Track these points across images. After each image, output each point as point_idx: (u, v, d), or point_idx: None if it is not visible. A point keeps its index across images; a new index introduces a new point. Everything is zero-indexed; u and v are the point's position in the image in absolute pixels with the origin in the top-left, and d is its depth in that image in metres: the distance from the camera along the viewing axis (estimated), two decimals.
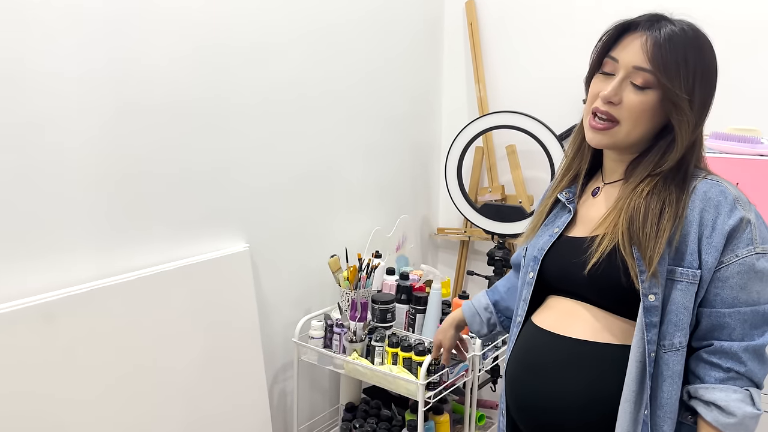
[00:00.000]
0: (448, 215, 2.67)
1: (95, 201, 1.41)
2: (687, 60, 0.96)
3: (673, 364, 0.98)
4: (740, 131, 1.73)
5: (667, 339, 0.97)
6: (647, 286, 0.97)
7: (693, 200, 0.98)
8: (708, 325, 0.98)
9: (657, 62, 0.96)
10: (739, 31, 1.95)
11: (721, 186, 0.98)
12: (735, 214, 0.96)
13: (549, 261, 1.12)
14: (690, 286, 0.97)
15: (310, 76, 1.94)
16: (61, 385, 1.31)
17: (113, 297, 1.41)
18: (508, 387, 1.16)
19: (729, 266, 0.96)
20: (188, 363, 1.57)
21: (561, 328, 1.08)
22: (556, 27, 2.27)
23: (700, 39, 0.99)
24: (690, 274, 0.97)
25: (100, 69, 1.38)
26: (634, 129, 1.01)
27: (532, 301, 1.15)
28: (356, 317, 1.81)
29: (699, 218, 0.97)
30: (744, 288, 0.95)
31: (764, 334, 0.96)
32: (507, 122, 2.22)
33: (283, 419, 2.00)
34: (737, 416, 0.93)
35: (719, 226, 0.96)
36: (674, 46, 0.96)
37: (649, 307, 0.97)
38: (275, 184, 1.87)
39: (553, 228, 1.14)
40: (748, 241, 0.95)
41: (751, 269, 0.95)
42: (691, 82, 0.97)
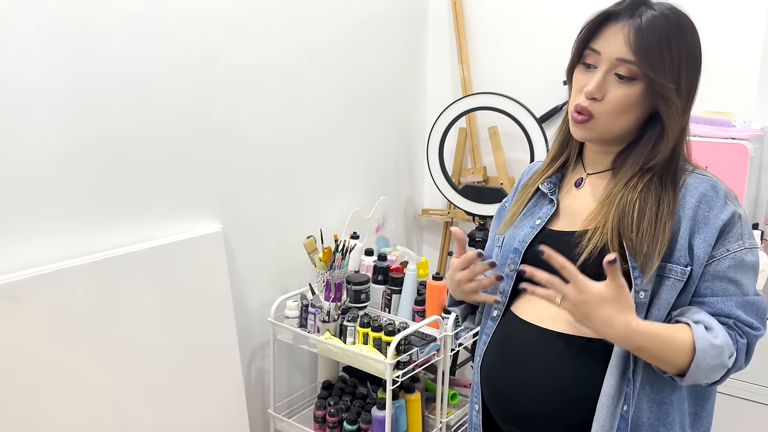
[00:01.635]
0: (433, 196, 2.68)
1: (63, 180, 1.43)
2: (670, 46, 0.94)
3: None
4: (713, 114, 1.72)
5: None
6: (639, 283, 0.95)
7: (684, 196, 0.97)
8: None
9: (640, 52, 0.93)
10: (717, 13, 1.93)
11: (711, 181, 0.98)
12: (727, 209, 0.96)
13: (531, 254, 1.07)
14: (677, 283, 0.96)
15: (288, 56, 1.94)
16: (26, 366, 1.34)
17: (81, 278, 1.43)
18: (485, 378, 1.13)
19: (721, 260, 0.96)
20: (159, 344, 1.61)
21: (544, 321, 1.05)
22: (540, 9, 2.25)
23: (683, 22, 0.97)
24: (678, 270, 0.95)
25: (67, 47, 1.40)
26: (617, 121, 0.99)
27: (511, 295, 1.11)
28: (330, 297, 1.83)
29: (692, 214, 0.96)
30: (734, 281, 0.96)
31: (758, 327, 0.96)
32: (488, 104, 2.21)
33: (261, 396, 2.05)
34: (719, 342, 0.91)
35: (712, 221, 0.95)
36: (657, 33, 0.93)
37: (639, 304, 0.96)
38: (251, 165, 1.88)
39: (534, 219, 1.10)
40: (738, 236, 0.96)
41: (741, 263, 0.96)
42: (676, 69, 0.95)
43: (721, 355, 0.91)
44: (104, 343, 1.48)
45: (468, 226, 2.56)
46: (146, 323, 1.57)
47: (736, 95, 1.91)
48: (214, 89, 1.73)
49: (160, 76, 1.59)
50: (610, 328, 0.90)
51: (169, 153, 1.65)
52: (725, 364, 0.92)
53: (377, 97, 2.35)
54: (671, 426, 0.99)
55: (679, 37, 0.95)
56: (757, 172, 1.87)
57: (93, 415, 1.46)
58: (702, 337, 0.90)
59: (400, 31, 2.43)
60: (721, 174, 1.66)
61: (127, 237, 1.57)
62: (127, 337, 1.53)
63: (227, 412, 1.80)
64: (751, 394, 1.63)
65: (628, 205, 0.97)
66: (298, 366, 2.16)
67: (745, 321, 0.96)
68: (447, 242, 2.65)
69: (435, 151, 2.36)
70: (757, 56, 1.88)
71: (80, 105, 1.44)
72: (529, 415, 1.04)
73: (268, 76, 1.89)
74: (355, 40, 2.19)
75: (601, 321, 0.90)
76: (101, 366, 1.48)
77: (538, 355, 1.04)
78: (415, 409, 1.87)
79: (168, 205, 1.67)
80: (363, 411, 1.88)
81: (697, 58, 0.99)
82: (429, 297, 1.86)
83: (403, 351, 1.69)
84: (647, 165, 0.99)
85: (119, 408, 1.52)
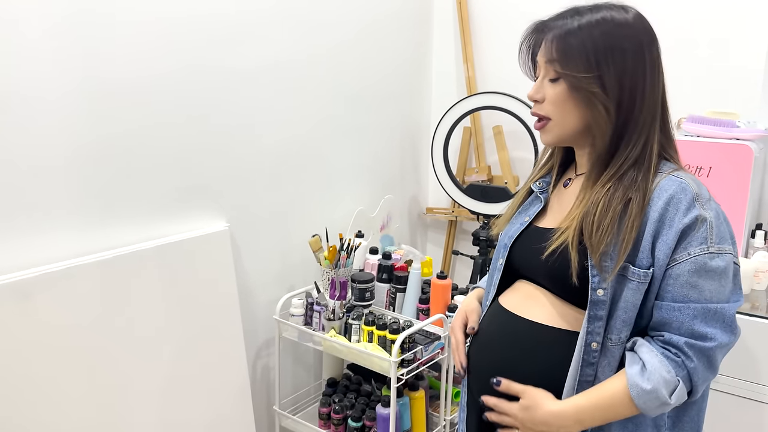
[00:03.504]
0: (438, 195, 2.69)
1: (73, 179, 1.45)
2: (588, 40, 0.98)
3: (618, 355, 1.00)
4: (717, 114, 1.73)
5: (614, 333, 0.99)
6: (597, 281, 0.98)
7: (653, 198, 0.98)
8: (658, 317, 0.98)
9: (558, 50, 1.00)
10: (722, 13, 1.93)
11: (683, 183, 0.98)
12: (691, 212, 0.95)
13: (516, 248, 1.16)
14: (640, 286, 0.97)
15: (295, 57, 1.95)
16: (37, 363, 1.36)
17: (90, 275, 1.45)
18: (469, 360, 1.22)
19: (681, 264, 0.95)
20: (166, 340, 1.63)
21: (521, 310, 1.12)
22: (544, 9, 2.25)
23: (609, 18, 0.99)
24: (641, 273, 0.97)
25: (75, 51, 1.41)
26: (564, 121, 1.04)
27: (502, 286, 1.19)
28: (335, 296, 1.85)
29: (657, 216, 0.96)
30: (695, 286, 0.95)
31: (715, 337, 0.94)
32: (492, 103, 2.22)
33: (266, 393, 2.06)
34: (649, 387, 0.93)
35: (675, 224, 0.95)
36: (576, 31, 1.00)
37: (596, 301, 0.99)
38: (257, 164, 1.90)
39: (524, 217, 1.18)
40: (701, 240, 0.95)
41: (703, 268, 0.95)
42: (593, 61, 0.98)
43: (657, 398, 0.93)
44: (112, 340, 1.50)
45: (472, 224, 2.57)
46: (153, 320, 1.59)
47: (740, 96, 1.91)
48: (221, 90, 1.75)
49: (168, 78, 1.61)
50: (547, 425, 1.00)
51: (176, 153, 1.66)
52: (666, 402, 0.94)
53: (382, 97, 2.36)
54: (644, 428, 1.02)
55: (601, 30, 0.99)
56: (761, 173, 1.88)
57: (100, 411, 1.48)
58: (634, 385, 0.94)
59: (405, 31, 2.44)
60: (725, 174, 1.68)
61: (135, 235, 1.59)
62: (134, 333, 1.55)
63: (233, 409, 1.82)
64: (749, 392, 1.64)
65: (591, 205, 1.00)
66: (303, 363, 2.18)
67: (698, 334, 0.94)
68: (451, 241, 2.66)
69: (440, 150, 2.37)
70: (762, 57, 1.89)
71: (89, 107, 1.45)
72: (499, 396, 1.10)
73: (274, 76, 1.90)
74: (360, 41, 2.21)
75: (539, 425, 1.01)
76: (109, 361, 1.49)
77: (511, 341, 1.11)
78: (419, 406, 1.88)
79: (175, 204, 1.69)
80: (367, 408, 1.89)
81: (628, 51, 0.99)
82: (433, 295, 1.87)
83: (408, 349, 1.70)
84: (617, 164, 1.01)
85: (127, 403, 1.54)
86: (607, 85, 0.99)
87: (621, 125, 1.01)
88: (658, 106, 1.02)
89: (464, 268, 2.69)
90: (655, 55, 1.01)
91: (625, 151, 1.01)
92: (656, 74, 1.01)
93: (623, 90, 1.00)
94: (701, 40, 1.98)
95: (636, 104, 1.00)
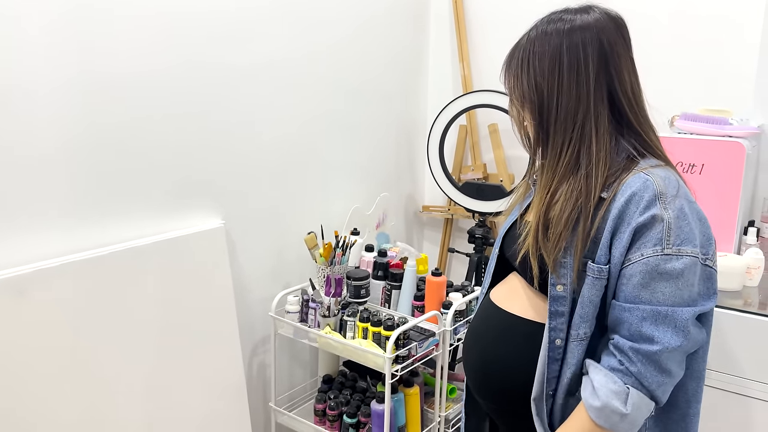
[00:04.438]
0: (433, 193, 2.69)
1: (69, 175, 1.46)
2: (519, 54, 1.06)
3: (578, 353, 1.01)
4: (710, 112, 1.73)
5: (573, 329, 1.01)
6: (554, 276, 1.01)
7: (617, 194, 0.98)
8: (612, 317, 0.99)
9: (503, 70, 1.12)
10: (715, 11, 1.94)
11: (647, 181, 0.96)
12: (649, 211, 0.94)
13: (507, 240, 1.20)
14: (596, 281, 0.98)
15: (291, 54, 1.96)
16: (31, 359, 1.36)
17: (85, 272, 1.46)
18: (463, 351, 1.26)
19: (634, 264, 0.95)
20: (161, 337, 1.63)
21: (504, 302, 1.16)
22: (540, 7, 2.26)
23: (533, 36, 1.04)
24: (596, 269, 0.98)
25: (72, 46, 1.42)
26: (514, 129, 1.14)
27: (498, 275, 1.23)
28: (331, 293, 1.86)
29: (617, 213, 0.96)
30: (646, 287, 0.94)
31: (661, 341, 0.93)
32: (488, 101, 2.23)
33: (262, 390, 2.07)
34: (599, 403, 0.94)
35: (632, 222, 0.95)
36: (515, 50, 1.08)
37: (556, 297, 1.01)
38: (253, 161, 1.90)
39: (520, 209, 1.21)
40: (656, 241, 0.94)
41: (655, 269, 0.94)
42: (516, 72, 1.06)
43: (612, 411, 0.94)
44: (107, 337, 1.51)
45: (468, 222, 2.58)
46: (149, 317, 1.60)
47: (733, 93, 1.92)
48: (217, 86, 1.76)
49: (164, 74, 1.61)
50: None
51: (172, 149, 1.67)
52: (621, 412, 0.94)
53: (378, 94, 2.37)
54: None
55: (530, 46, 1.04)
56: (754, 170, 1.89)
57: (96, 407, 1.49)
58: (589, 407, 0.96)
59: (401, 29, 2.44)
60: (717, 172, 1.68)
61: (130, 232, 1.59)
62: (130, 330, 1.55)
63: (228, 406, 1.82)
64: (741, 388, 1.65)
65: (542, 204, 1.03)
66: (298, 360, 2.19)
67: (644, 336, 0.94)
68: (447, 239, 2.67)
69: (435, 148, 2.38)
70: (755, 54, 1.90)
71: (85, 101, 1.46)
72: (485, 386, 1.15)
73: (271, 74, 1.91)
74: (356, 38, 2.21)
75: None
76: (104, 359, 1.50)
77: (494, 333, 1.15)
78: (413, 402, 1.89)
79: (171, 201, 1.69)
80: (363, 405, 1.90)
81: (543, 57, 1.02)
82: (428, 292, 1.88)
83: (402, 345, 1.71)
84: (551, 167, 1.04)
85: (122, 400, 1.55)
86: (525, 92, 1.05)
87: (546, 130, 1.03)
88: (585, 110, 1.00)
89: (460, 265, 2.70)
90: (581, 60, 1.00)
91: (554, 157, 1.03)
92: (581, 78, 1.00)
93: (539, 96, 1.03)
94: (694, 37, 1.99)
95: (552, 109, 1.02)
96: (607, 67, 1.01)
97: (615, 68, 1.01)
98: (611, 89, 1.01)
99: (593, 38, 1.00)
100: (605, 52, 1.00)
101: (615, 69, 1.01)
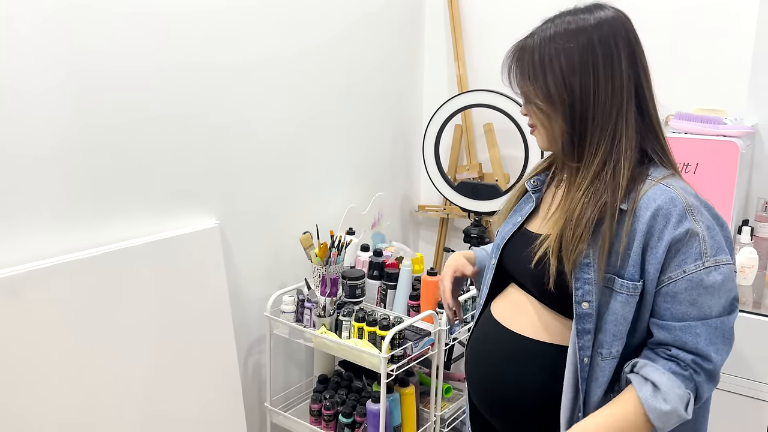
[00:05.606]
0: (429, 193, 2.70)
1: (63, 175, 1.45)
2: (536, 53, 1.01)
3: (609, 371, 0.98)
4: (704, 111, 1.74)
5: (605, 348, 0.98)
6: (580, 294, 0.97)
7: (639, 208, 0.95)
8: (662, 337, 0.96)
9: (515, 69, 1.06)
10: (708, 11, 1.95)
11: (672, 193, 0.95)
12: (682, 226, 0.93)
13: (508, 250, 1.15)
14: (630, 299, 0.95)
15: (286, 53, 1.96)
16: (25, 360, 1.36)
17: (79, 272, 1.45)
18: (465, 368, 1.23)
19: (677, 282, 0.94)
20: (156, 338, 1.63)
21: (508, 321, 1.12)
22: (535, 6, 2.27)
23: (561, 30, 1.00)
24: (630, 286, 0.95)
25: (64, 45, 1.41)
26: (541, 128, 1.06)
27: (495, 287, 1.19)
28: (326, 293, 1.86)
29: (646, 228, 0.94)
30: (694, 303, 0.93)
31: (718, 358, 0.94)
32: (483, 101, 2.23)
33: (257, 390, 2.07)
34: (668, 408, 0.92)
35: (665, 237, 0.93)
36: (529, 48, 1.03)
37: (582, 315, 0.98)
38: (247, 160, 1.90)
39: (518, 217, 1.16)
40: (696, 256, 0.93)
41: (700, 285, 0.93)
42: (539, 72, 1.01)
43: (677, 416, 0.92)
44: (102, 337, 1.50)
45: (464, 222, 2.58)
46: (144, 317, 1.59)
47: (727, 93, 1.93)
48: (211, 86, 1.75)
49: (157, 73, 1.61)
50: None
51: (166, 149, 1.66)
52: (684, 417, 0.93)
53: (374, 94, 2.37)
54: None
55: (547, 45, 1.00)
56: (747, 169, 1.90)
57: (91, 408, 1.48)
58: (652, 409, 0.92)
59: (397, 29, 2.44)
60: (711, 171, 1.69)
61: (124, 232, 1.59)
62: (124, 331, 1.55)
63: (224, 406, 1.82)
64: (731, 386, 1.65)
65: (569, 213, 0.99)
66: (294, 360, 2.18)
67: (703, 353, 0.93)
68: (443, 238, 2.67)
69: (431, 147, 2.38)
70: (749, 53, 1.90)
71: (78, 101, 1.45)
72: (494, 407, 1.12)
73: (265, 72, 1.90)
74: (352, 38, 2.21)
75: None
76: (99, 359, 1.50)
77: (500, 354, 1.11)
78: (409, 402, 1.89)
79: (165, 201, 1.69)
80: (358, 404, 1.90)
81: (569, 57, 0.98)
82: (424, 292, 1.88)
83: (398, 345, 1.71)
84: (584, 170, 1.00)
85: (117, 400, 1.54)
86: (552, 93, 1.00)
87: (579, 131, 1.00)
88: (619, 105, 0.98)
89: None
90: (615, 54, 0.98)
91: (590, 157, 1.00)
92: (616, 73, 0.98)
93: (571, 95, 0.99)
94: (689, 37, 2.00)
95: (589, 107, 0.99)
96: (635, 61, 1.00)
97: (641, 62, 1.01)
98: (638, 85, 1.00)
99: (621, 31, 0.99)
100: (633, 45, 1.00)
101: (642, 63, 1.00)
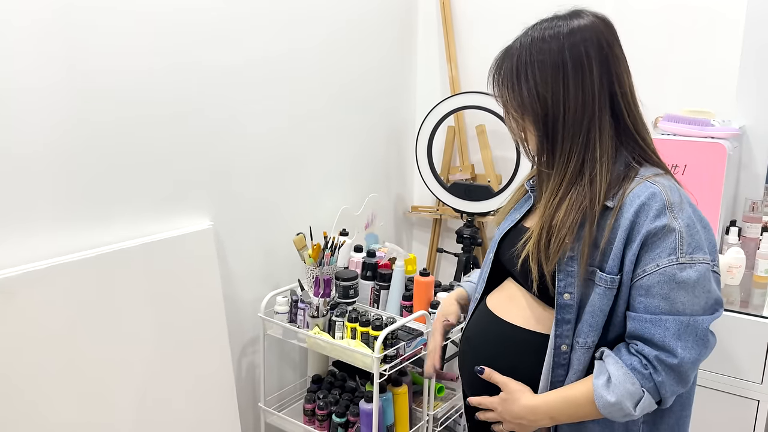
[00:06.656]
0: (422, 194, 2.71)
1: (57, 177, 1.46)
2: (512, 62, 1.04)
3: (585, 360, 1.02)
4: (693, 113, 1.76)
5: (581, 337, 1.00)
6: (563, 285, 1.00)
7: (625, 204, 0.97)
8: (633, 329, 0.98)
9: (493, 79, 1.09)
10: (696, 13, 1.97)
11: (654, 189, 0.97)
12: (659, 221, 0.95)
13: (504, 245, 1.18)
14: (608, 291, 0.98)
15: (279, 54, 1.97)
16: (20, 361, 1.36)
17: (74, 274, 1.46)
18: (459, 358, 1.26)
19: (651, 275, 0.95)
20: (150, 339, 1.63)
21: (501, 311, 1.15)
22: (528, 9, 2.29)
23: (538, 37, 1.02)
24: (608, 279, 0.97)
25: (60, 45, 1.41)
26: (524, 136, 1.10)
27: (492, 281, 1.22)
28: (319, 293, 1.87)
29: (628, 224, 0.96)
30: (666, 298, 0.94)
31: (685, 354, 0.94)
32: (475, 103, 2.25)
33: (251, 390, 2.08)
34: (613, 400, 0.95)
35: (642, 231, 0.95)
36: (505, 57, 1.07)
37: (563, 305, 1.01)
38: (241, 162, 1.91)
39: (516, 214, 1.19)
40: (671, 251, 0.94)
41: (673, 279, 0.94)
42: (514, 81, 1.03)
43: (621, 410, 0.95)
44: (97, 338, 1.51)
45: (456, 223, 2.60)
46: (138, 318, 1.60)
47: (716, 95, 1.95)
48: (205, 87, 1.76)
49: (151, 74, 1.62)
50: (521, 417, 1.05)
51: (160, 150, 1.67)
52: (629, 413, 0.95)
53: (367, 95, 2.38)
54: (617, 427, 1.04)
55: (523, 54, 1.03)
56: (735, 170, 1.92)
57: (86, 409, 1.49)
58: (599, 397, 0.97)
59: (390, 30, 2.46)
60: (699, 172, 1.71)
61: (119, 234, 1.60)
62: (119, 331, 1.56)
63: (218, 406, 1.83)
64: (721, 384, 1.68)
65: (547, 210, 1.02)
66: (288, 360, 2.20)
67: (669, 349, 0.94)
68: (436, 239, 2.69)
69: (424, 148, 2.40)
70: (737, 55, 1.93)
71: (73, 102, 1.46)
72: (482, 395, 1.14)
73: (258, 74, 1.92)
74: (345, 38, 2.22)
75: (516, 418, 1.06)
76: (94, 360, 1.50)
77: (492, 343, 1.14)
78: (402, 401, 1.91)
79: (159, 202, 1.70)
80: (351, 404, 1.91)
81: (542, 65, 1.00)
82: (416, 292, 1.90)
83: (390, 345, 1.73)
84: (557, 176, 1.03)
85: (111, 401, 1.55)
86: (525, 102, 1.03)
87: (551, 138, 1.02)
88: (591, 113, 0.99)
89: (449, 265, 2.72)
90: (585, 62, 0.99)
91: (561, 165, 1.02)
92: (586, 81, 0.99)
93: (543, 104, 1.01)
94: (677, 39, 2.02)
95: (559, 115, 1.00)
96: (609, 68, 1.00)
97: (615, 69, 1.01)
98: (612, 92, 1.01)
99: (593, 39, 0.99)
100: (605, 53, 1.00)
101: (615, 70, 1.01)
